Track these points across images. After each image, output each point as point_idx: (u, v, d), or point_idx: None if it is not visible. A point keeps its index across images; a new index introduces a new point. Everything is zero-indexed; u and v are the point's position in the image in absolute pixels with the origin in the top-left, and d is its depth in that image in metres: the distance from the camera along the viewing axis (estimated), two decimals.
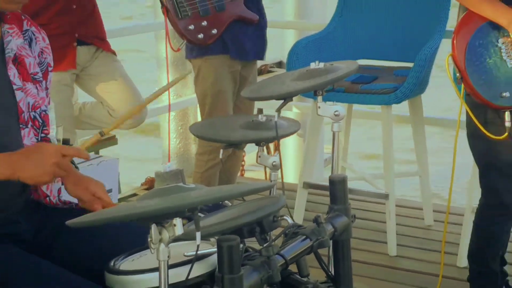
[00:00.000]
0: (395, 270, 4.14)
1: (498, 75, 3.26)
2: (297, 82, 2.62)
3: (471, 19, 3.26)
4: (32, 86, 2.42)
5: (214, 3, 3.98)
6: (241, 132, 2.53)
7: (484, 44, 3.25)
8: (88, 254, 2.23)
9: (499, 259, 3.54)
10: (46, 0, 3.87)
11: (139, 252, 2.07)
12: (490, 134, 3.21)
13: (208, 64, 4.07)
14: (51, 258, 2.22)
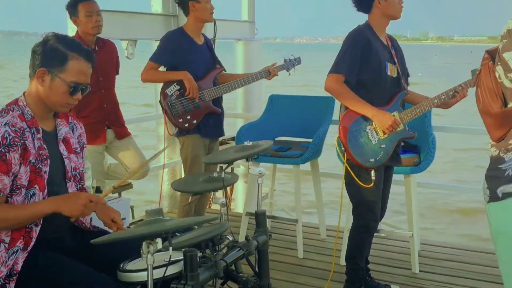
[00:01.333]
0: (302, 266, 4.21)
1: (366, 148, 3.33)
2: (236, 153, 2.64)
3: (350, 113, 3.32)
4: (74, 156, 2.50)
5: (194, 104, 4.02)
6: (202, 184, 2.51)
7: (358, 129, 3.32)
8: (107, 259, 2.29)
9: (365, 260, 3.64)
10: (86, 101, 3.71)
11: (137, 259, 2.17)
12: (362, 184, 3.33)
13: (189, 139, 4.10)
14: (85, 261, 2.31)
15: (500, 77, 1.81)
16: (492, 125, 1.86)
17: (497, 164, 1.86)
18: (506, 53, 1.73)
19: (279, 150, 4.44)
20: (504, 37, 1.76)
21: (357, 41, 3.30)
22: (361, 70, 3.29)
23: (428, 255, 4.40)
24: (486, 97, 1.86)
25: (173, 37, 4.14)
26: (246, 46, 6.32)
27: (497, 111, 1.82)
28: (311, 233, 4.81)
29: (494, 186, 1.86)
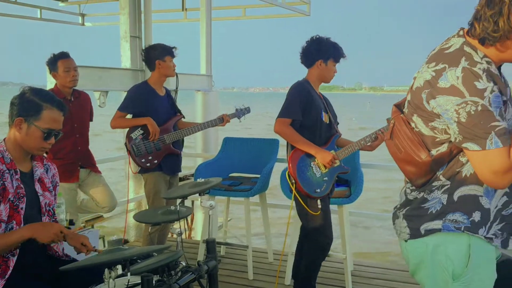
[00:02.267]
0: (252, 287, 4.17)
1: (312, 181, 3.41)
2: (190, 189, 2.62)
3: (296, 151, 3.41)
4: (48, 194, 2.50)
5: (155, 146, 4.01)
6: (161, 216, 2.50)
7: (304, 165, 3.41)
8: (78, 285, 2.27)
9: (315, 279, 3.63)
10: (62, 145, 3.88)
11: (101, 284, 2.08)
12: (311, 211, 3.39)
13: (151, 177, 4.09)
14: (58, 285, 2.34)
15: (417, 126, 1.73)
16: (416, 173, 1.76)
17: (420, 204, 1.78)
18: (431, 101, 1.64)
19: (232, 185, 4.45)
20: (424, 87, 1.66)
21: (301, 91, 3.45)
22: (304, 116, 3.42)
23: (361, 274, 4.43)
24: (409, 147, 1.75)
25: (138, 90, 4.16)
26: (205, 96, 6.41)
27: (426, 159, 1.71)
28: (261, 257, 4.80)
29: (417, 224, 1.77)
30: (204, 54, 6.61)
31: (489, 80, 1.57)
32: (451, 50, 1.66)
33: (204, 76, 6.61)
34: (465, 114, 1.57)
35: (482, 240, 1.71)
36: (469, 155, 1.63)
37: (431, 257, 1.74)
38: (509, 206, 1.74)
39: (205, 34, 6.60)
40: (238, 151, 4.90)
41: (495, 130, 1.55)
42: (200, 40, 6.66)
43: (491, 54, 1.65)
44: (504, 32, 1.57)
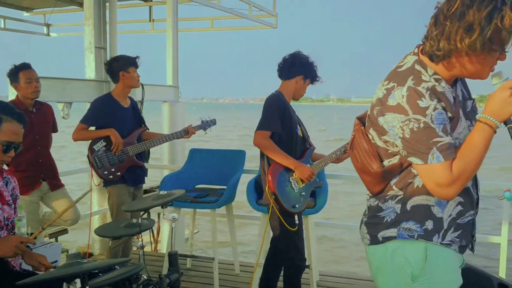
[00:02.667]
0: None
1: (291, 196, 3.39)
2: (152, 201, 2.60)
3: (275, 166, 3.36)
4: (7, 207, 2.46)
5: (118, 158, 3.98)
6: (122, 230, 2.48)
7: (284, 180, 3.38)
8: None
9: None
10: (23, 157, 3.79)
11: None
12: (289, 227, 3.35)
13: (115, 189, 4.05)
14: None
15: (373, 139, 1.82)
16: (371, 182, 1.85)
17: (376, 212, 1.86)
18: (380, 118, 1.73)
19: (198, 197, 4.41)
20: (376, 104, 1.75)
21: (279, 104, 3.43)
22: (282, 129, 3.39)
23: (326, 284, 4.45)
24: (364, 158, 1.85)
25: (102, 101, 4.12)
26: (171, 107, 6.39)
27: (378, 170, 1.81)
28: (227, 269, 4.77)
29: (375, 232, 1.85)
30: (171, 65, 6.58)
31: (433, 99, 1.65)
32: (403, 68, 1.75)
33: (171, 87, 6.58)
34: (408, 130, 1.65)
35: (438, 245, 1.77)
36: (416, 168, 1.72)
37: (390, 260, 1.81)
38: (465, 215, 1.81)
39: (171, 45, 6.58)
40: (205, 162, 4.87)
41: (437, 146, 1.63)
42: (167, 51, 6.64)
43: (440, 70, 1.72)
44: (445, 52, 1.64)
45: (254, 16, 8.75)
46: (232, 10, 7.92)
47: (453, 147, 1.66)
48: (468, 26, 1.58)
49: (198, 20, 9.96)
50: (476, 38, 1.57)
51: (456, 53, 1.65)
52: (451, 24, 1.60)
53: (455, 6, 1.61)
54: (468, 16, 1.58)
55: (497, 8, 1.56)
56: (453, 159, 1.64)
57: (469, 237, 1.85)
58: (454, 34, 1.60)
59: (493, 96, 1.67)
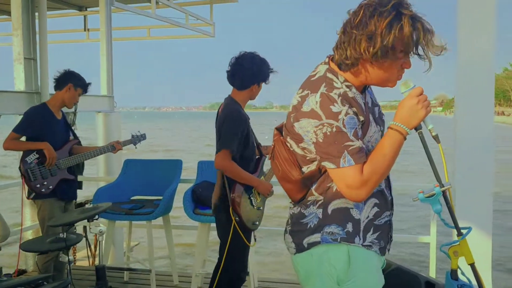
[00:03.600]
0: None
1: (252, 213, 3.28)
2: (78, 215, 2.56)
3: (237, 186, 3.21)
4: None
5: (50, 171, 3.91)
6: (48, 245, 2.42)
7: (246, 199, 3.25)
8: None
9: None
10: None
11: None
12: (248, 243, 3.26)
13: (46, 203, 3.94)
14: None
15: (291, 147, 1.85)
16: (292, 189, 1.88)
17: (299, 219, 1.88)
18: (295, 124, 1.77)
19: (132, 208, 4.36)
20: (292, 112, 1.80)
21: (241, 121, 3.21)
22: (242, 145, 3.22)
23: None
24: (285, 167, 1.87)
25: (36, 111, 4.04)
26: (106, 117, 6.28)
27: (298, 177, 1.84)
28: (166, 280, 4.70)
29: (300, 239, 1.87)
30: (105, 74, 6.48)
31: (344, 104, 1.71)
32: (316, 77, 1.81)
33: (105, 97, 6.47)
34: (321, 135, 1.70)
35: (360, 248, 1.82)
36: (329, 172, 1.77)
37: (317, 267, 1.84)
38: (381, 216, 1.88)
39: (105, 54, 6.48)
40: (140, 173, 4.83)
41: (348, 149, 1.69)
42: (101, 60, 6.53)
43: (349, 78, 1.80)
44: (352, 60, 1.72)
45: (191, 25, 8.73)
46: (168, 19, 7.86)
47: (363, 151, 1.72)
48: (370, 36, 1.65)
49: (135, 29, 9.90)
50: (378, 47, 1.65)
51: (362, 62, 1.72)
52: (357, 34, 1.68)
53: (359, 16, 1.69)
54: (370, 26, 1.66)
55: (397, 19, 1.64)
56: (363, 162, 1.70)
57: (387, 238, 1.91)
58: (359, 43, 1.68)
59: (402, 104, 1.76)
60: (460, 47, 3.67)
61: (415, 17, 1.67)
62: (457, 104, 3.77)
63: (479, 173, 3.71)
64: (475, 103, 3.68)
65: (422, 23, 1.67)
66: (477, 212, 3.74)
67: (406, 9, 1.67)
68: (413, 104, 1.73)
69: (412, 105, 1.73)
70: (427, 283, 2.79)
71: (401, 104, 1.76)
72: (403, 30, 1.64)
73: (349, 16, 1.74)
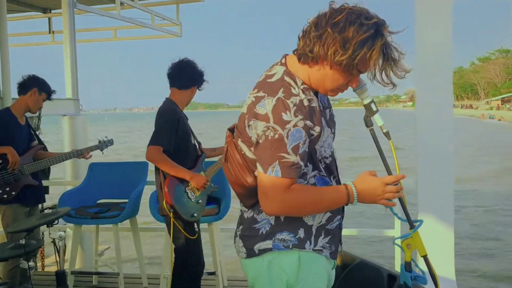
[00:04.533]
0: None
1: (189, 206, 3.40)
2: (37, 221, 2.55)
3: (171, 179, 3.36)
4: None
5: (13, 177, 3.82)
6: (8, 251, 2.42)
7: (180, 192, 3.38)
8: None
9: None
10: None
11: None
12: (189, 236, 3.38)
13: (10, 209, 3.85)
14: None
15: (243, 150, 1.81)
16: (245, 195, 1.83)
17: (251, 224, 1.84)
18: (249, 125, 1.74)
19: (98, 212, 4.32)
20: (246, 113, 1.76)
21: (171, 117, 3.40)
22: (175, 142, 3.38)
23: None
24: (238, 171, 1.81)
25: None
26: (71, 120, 6.21)
27: (252, 183, 1.78)
28: (135, 283, 4.67)
29: (251, 244, 1.83)
30: (70, 77, 6.42)
31: (297, 115, 1.67)
32: (273, 79, 1.76)
33: (70, 100, 6.40)
34: (264, 137, 1.68)
35: (311, 253, 1.82)
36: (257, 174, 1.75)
37: (267, 270, 1.82)
38: (333, 220, 1.87)
39: (69, 57, 6.42)
40: (106, 176, 4.78)
41: (281, 161, 1.66)
42: (65, 63, 6.47)
43: (305, 78, 1.75)
44: (315, 56, 1.67)
45: (158, 25, 8.68)
46: (133, 20, 7.80)
47: (297, 167, 1.69)
48: (344, 42, 1.61)
49: (101, 31, 9.79)
50: (347, 56, 1.62)
51: (322, 61, 1.68)
52: (331, 33, 1.63)
53: (339, 17, 1.63)
54: (348, 32, 1.61)
55: (372, 39, 1.62)
56: (291, 178, 1.68)
57: (338, 242, 1.91)
58: (330, 44, 1.63)
59: (369, 181, 1.75)
60: (417, 42, 3.72)
61: (387, 45, 1.65)
62: (417, 98, 3.83)
63: (440, 166, 3.77)
64: (434, 97, 3.73)
65: (391, 52, 1.66)
66: (439, 203, 3.80)
67: (383, 33, 1.64)
68: (378, 191, 1.74)
69: (376, 189, 1.74)
70: (389, 275, 2.85)
71: (369, 180, 1.76)
72: (372, 54, 1.62)
73: (328, 10, 1.68)
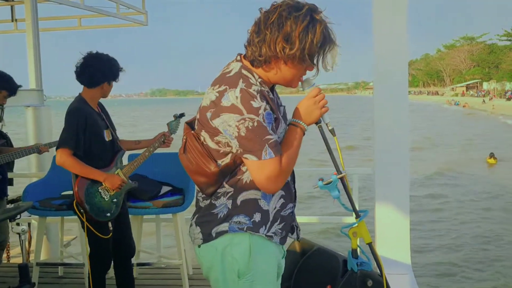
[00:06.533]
0: None
1: (101, 206, 3.36)
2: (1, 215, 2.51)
3: (82, 180, 3.32)
4: None
5: None
6: None
7: (92, 192, 3.34)
8: None
9: None
10: None
11: None
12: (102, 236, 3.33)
13: None
14: None
15: (205, 140, 1.89)
16: (206, 183, 1.91)
17: (209, 210, 1.93)
18: (215, 120, 1.81)
19: (63, 204, 4.29)
20: (210, 107, 1.83)
21: (78, 117, 3.29)
22: (85, 142, 3.29)
23: (200, 277, 4.51)
24: (199, 160, 1.90)
25: None
26: (35, 111, 6.14)
27: (215, 170, 1.87)
28: None
29: (208, 229, 1.92)
30: (33, 67, 6.33)
31: (262, 100, 1.79)
32: (231, 74, 1.87)
33: (34, 91, 6.31)
34: (244, 129, 1.77)
35: (262, 239, 1.92)
36: (248, 164, 1.84)
37: (220, 259, 1.92)
38: (286, 207, 1.98)
39: (32, 46, 6.33)
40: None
41: (268, 143, 1.78)
42: (28, 53, 6.38)
43: (261, 74, 1.89)
44: (266, 57, 1.82)
45: (123, 14, 8.64)
46: (96, 8, 7.74)
47: (278, 144, 1.84)
48: (287, 37, 1.76)
49: (66, 19, 9.66)
50: (296, 49, 1.76)
51: (276, 60, 1.82)
52: (271, 33, 1.77)
53: (273, 17, 1.78)
54: (286, 27, 1.76)
55: (312, 25, 1.77)
56: (280, 154, 1.82)
57: (289, 228, 2.02)
58: (274, 42, 1.77)
59: (300, 104, 1.92)
60: (375, 34, 3.85)
61: (326, 27, 1.80)
62: (375, 88, 3.95)
63: (396, 155, 3.92)
64: (390, 85, 3.86)
65: (329, 32, 1.81)
66: (395, 189, 3.96)
67: (318, 16, 1.79)
68: (309, 105, 1.91)
69: (309, 105, 1.91)
70: (344, 261, 2.99)
71: (300, 104, 1.92)
72: (316, 36, 1.77)
73: (262, 14, 1.82)
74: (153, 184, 4.33)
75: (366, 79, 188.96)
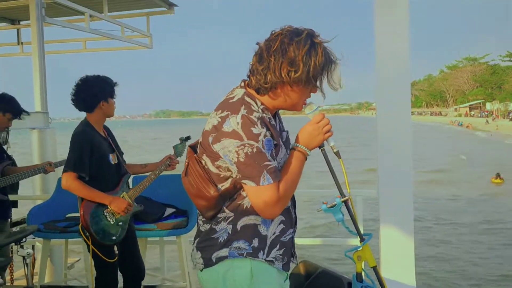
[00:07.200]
0: None
1: (107, 229, 3.37)
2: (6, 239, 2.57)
3: (87, 203, 3.35)
4: None
5: None
6: None
7: (98, 215, 3.37)
8: None
9: None
10: None
11: None
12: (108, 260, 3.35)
13: None
14: None
15: (206, 164, 1.92)
16: (206, 207, 1.94)
17: (210, 235, 1.96)
18: (215, 145, 1.84)
19: (67, 226, 4.32)
20: (212, 131, 1.86)
21: (83, 141, 3.31)
22: (91, 165, 3.30)
23: None
24: (200, 184, 1.92)
25: None
26: (40, 134, 6.14)
27: (215, 194, 1.90)
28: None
29: (209, 254, 1.94)
30: (38, 89, 6.35)
31: (263, 126, 1.83)
32: (234, 100, 1.91)
33: (39, 114, 6.33)
34: (243, 154, 1.79)
35: (263, 263, 1.93)
36: (246, 189, 1.86)
37: (222, 283, 1.92)
38: (287, 233, 2.00)
39: (38, 69, 6.36)
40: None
41: (267, 169, 1.80)
42: (34, 75, 6.40)
43: (266, 102, 1.93)
44: (272, 84, 1.86)
45: (128, 37, 8.70)
46: (102, 32, 7.81)
47: (277, 170, 1.85)
48: (291, 61, 1.81)
49: (71, 42, 9.74)
50: (301, 72, 1.81)
51: (282, 85, 1.87)
52: (275, 60, 1.83)
53: (276, 44, 1.84)
54: (290, 52, 1.81)
55: (314, 49, 1.83)
56: (279, 180, 1.83)
57: (290, 254, 2.04)
58: (279, 68, 1.82)
59: (303, 129, 1.95)
60: (377, 55, 3.86)
61: (325, 48, 1.86)
62: (378, 108, 3.92)
63: (400, 176, 3.90)
64: (393, 106, 3.83)
65: (329, 53, 1.86)
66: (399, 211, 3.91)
67: (317, 39, 1.85)
68: (312, 130, 1.93)
69: (312, 130, 1.93)
70: (349, 284, 2.98)
71: (303, 129, 1.95)
72: (318, 58, 1.82)
73: (263, 43, 1.88)
74: (157, 206, 4.34)
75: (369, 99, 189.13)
